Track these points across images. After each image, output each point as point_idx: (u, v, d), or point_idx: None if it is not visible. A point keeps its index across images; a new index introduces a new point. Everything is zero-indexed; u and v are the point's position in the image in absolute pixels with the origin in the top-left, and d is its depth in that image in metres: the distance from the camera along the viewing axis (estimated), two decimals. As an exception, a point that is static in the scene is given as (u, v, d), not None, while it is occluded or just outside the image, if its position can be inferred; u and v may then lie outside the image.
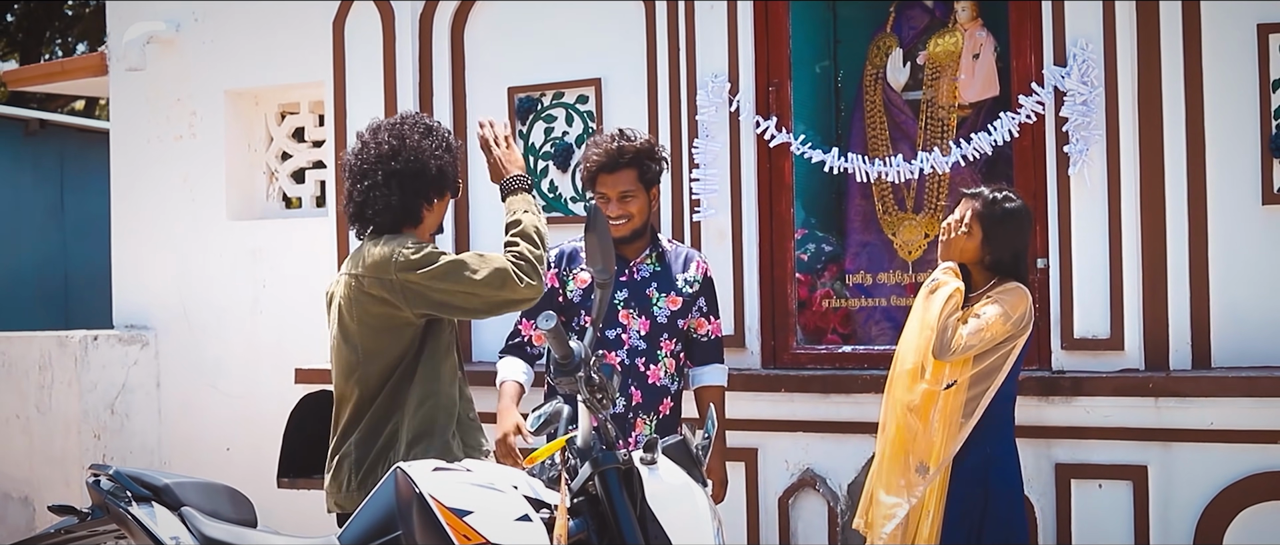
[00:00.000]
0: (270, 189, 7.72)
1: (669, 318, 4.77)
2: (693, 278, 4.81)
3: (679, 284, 4.78)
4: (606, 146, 4.64)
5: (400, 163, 4.01)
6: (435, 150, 4.07)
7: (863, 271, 5.93)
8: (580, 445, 3.52)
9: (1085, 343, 5.10)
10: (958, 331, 4.47)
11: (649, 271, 4.78)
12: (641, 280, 4.76)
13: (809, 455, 5.61)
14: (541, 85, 6.20)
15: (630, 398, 4.68)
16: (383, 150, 4.03)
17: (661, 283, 4.77)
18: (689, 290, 4.78)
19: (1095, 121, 5.03)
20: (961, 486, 4.60)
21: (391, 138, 4.04)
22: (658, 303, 4.76)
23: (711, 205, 5.71)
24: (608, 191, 4.66)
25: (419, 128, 4.08)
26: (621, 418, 4.61)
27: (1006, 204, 4.68)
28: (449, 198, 4.19)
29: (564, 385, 3.44)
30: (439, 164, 4.08)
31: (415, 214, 4.09)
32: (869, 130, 5.95)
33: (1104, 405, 5.05)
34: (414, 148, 4.02)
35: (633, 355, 4.73)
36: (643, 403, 4.72)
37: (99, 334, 7.62)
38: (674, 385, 4.82)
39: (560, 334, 3.36)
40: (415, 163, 4.01)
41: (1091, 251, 5.09)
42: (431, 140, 4.08)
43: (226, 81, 7.54)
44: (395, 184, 4.02)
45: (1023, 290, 4.61)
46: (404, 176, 4.02)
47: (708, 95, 5.71)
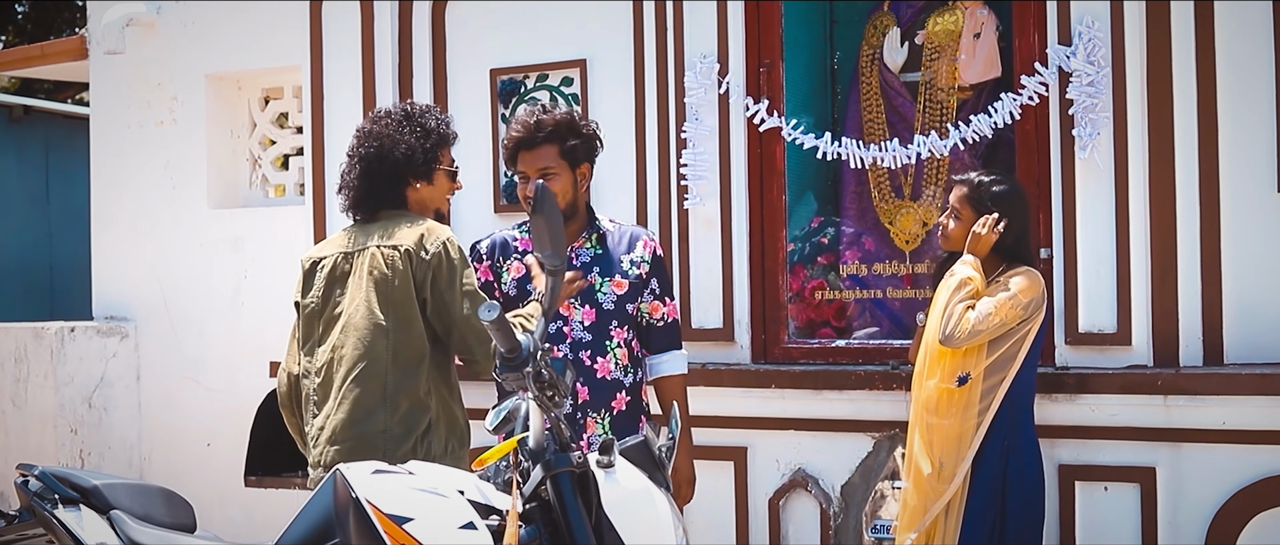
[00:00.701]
0: (253, 176, 7.56)
1: (615, 303, 4.45)
2: (640, 257, 4.49)
3: (624, 266, 4.47)
4: (524, 120, 4.41)
5: (367, 148, 4.11)
6: (407, 134, 4.10)
7: (858, 262, 5.83)
8: (532, 446, 3.29)
9: (1091, 337, 5.00)
10: (964, 317, 4.47)
11: (589, 255, 4.47)
12: (581, 266, 4.45)
13: (801, 455, 5.51)
14: (525, 67, 6.11)
15: (576, 395, 4.39)
16: (361, 135, 4.15)
17: (604, 266, 4.46)
18: (636, 272, 4.47)
19: (1102, 104, 4.92)
20: (982, 481, 4.58)
21: (369, 123, 4.17)
22: (602, 288, 4.46)
23: (700, 192, 5.62)
24: (526, 169, 4.40)
25: (399, 113, 4.16)
26: (570, 418, 4.35)
27: (995, 186, 4.69)
28: (437, 183, 4.17)
29: (511, 381, 3.21)
30: (406, 149, 4.09)
31: (397, 199, 4.13)
32: (865, 114, 5.84)
33: (1110, 403, 4.95)
34: (381, 134, 4.09)
35: (577, 348, 4.44)
36: (591, 399, 4.41)
37: (76, 325, 7.46)
38: (628, 377, 4.49)
39: (505, 325, 3.13)
40: (380, 147, 4.08)
41: (1097, 241, 4.99)
42: (407, 125, 4.13)
43: (208, 65, 7.37)
44: (362, 168, 4.11)
45: (1034, 273, 4.62)
46: (370, 161, 4.10)
47: (696, 76, 5.61)
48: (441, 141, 4.21)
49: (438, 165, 4.19)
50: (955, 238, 4.74)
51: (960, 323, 4.49)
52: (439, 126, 4.21)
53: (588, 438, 4.37)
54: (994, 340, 4.55)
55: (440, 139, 4.21)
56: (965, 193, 4.71)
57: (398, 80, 6.32)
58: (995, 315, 4.46)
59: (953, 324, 4.50)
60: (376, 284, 4.02)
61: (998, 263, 4.71)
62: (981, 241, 4.65)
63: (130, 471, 7.56)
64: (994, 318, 4.46)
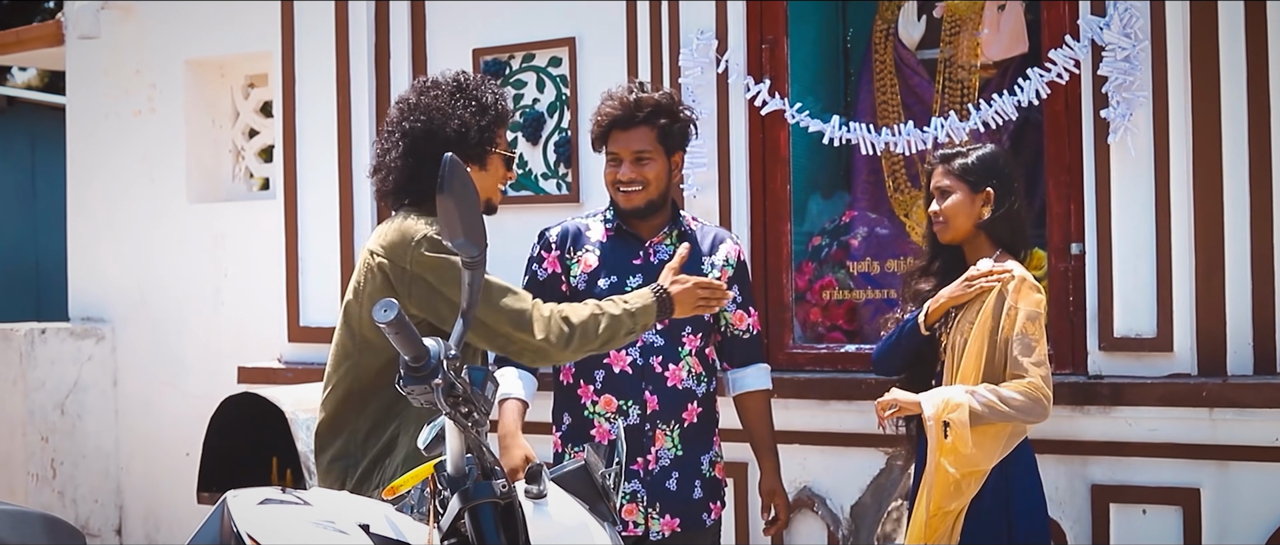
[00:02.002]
0: (236, 168, 7.41)
1: None
2: (724, 261, 4.35)
3: (705, 269, 4.30)
4: (621, 98, 4.24)
5: (413, 122, 3.69)
6: (459, 109, 3.70)
7: (870, 258, 5.62)
8: (450, 472, 2.83)
9: (1127, 343, 4.79)
10: (1040, 383, 4.08)
11: (668, 254, 4.25)
12: (659, 264, 4.22)
13: (806, 471, 5.30)
14: (509, 47, 5.90)
15: (645, 404, 4.23)
16: (403, 109, 3.73)
17: (686, 267, 4.16)
18: (718, 277, 4.29)
19: (1139, 81, 4.70)
20: (981, 514, 4.23)
21: (415, 94, 3.74)
22: None
23: (696, 181, 5.38)
24: (620, 151, 4.26)
25: (450, 83, 3.74)
26: (636, 429, 4.21)
27: (976, 150, 4.34)
28: (491, 168, 3.78)
29: (417, 395, 2.74)
30: (459, 125, 3.68)
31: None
32: (878, 95, 5.65)
33: (1149, 416, 4.73)
34: (430, 106, 3.68)
35: (647, 353, 4.27)
36: (660, 409, 4.25)
37: (47, 327, 7.36)
38: (700, 387, 4.33)
39: (406, 327, 2.66)
40: (428, 122, 3.67)
41: (1135, 235, 4.77)
42: (459, 98, 3.72)
43: (188, 50, 7.23)
44: (407, 146, 3.69)
45: (1026, 277, 4.21)
46: (416, 137, 3.68)
47: (692, 54, 5.40)
48: (499, 120, 3.79)
49: (493, 148, 3.78)
50: (958, 223, 4.29)
51: (1044, 386, 4.08)
52: (497, 102, 3.79)
53: (655, 451, 4.24)
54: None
55: (498, 117, 3.78)
56: (952, 167, 4.30)
57: (374, 61, 6.11)
58: (1041, 346, 4.13)
59: (1037, 395, 4.06)
60: (351, 291, 3.72)
61: (985, 252, 4.30)
62: (949, 221, 4.27)
63: (107, 481, 7.45)
64: (1042, 348, 4.13)
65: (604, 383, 4.23)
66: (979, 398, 4.02)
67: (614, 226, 4.29)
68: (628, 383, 4.21)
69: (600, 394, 4.22)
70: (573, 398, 4.28)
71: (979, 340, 4.13)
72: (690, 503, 4.25)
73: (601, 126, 4.28)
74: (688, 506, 4.24)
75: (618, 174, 4.25)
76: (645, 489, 4.20)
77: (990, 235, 4.27)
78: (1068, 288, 4.87)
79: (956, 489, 4.09)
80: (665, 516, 4.21)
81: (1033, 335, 4.10)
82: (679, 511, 4.23)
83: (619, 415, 4.20)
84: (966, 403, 4.01)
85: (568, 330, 3.61)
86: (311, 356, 6.15)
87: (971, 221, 4.26)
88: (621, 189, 4.24)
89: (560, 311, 3.62)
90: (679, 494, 4.22)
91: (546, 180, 5.84)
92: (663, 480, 4.22)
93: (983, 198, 4.24)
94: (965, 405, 4.01)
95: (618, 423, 4.14)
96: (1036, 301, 4.14)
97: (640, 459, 4.19)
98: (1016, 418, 4.06)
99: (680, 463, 4.24)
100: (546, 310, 3.61)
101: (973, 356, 4.13)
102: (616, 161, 4.27)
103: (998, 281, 4.13)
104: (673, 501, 4.22)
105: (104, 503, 7.40)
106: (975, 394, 4.03)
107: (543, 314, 3.59)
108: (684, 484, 4.24)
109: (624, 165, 4.25)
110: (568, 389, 4.30)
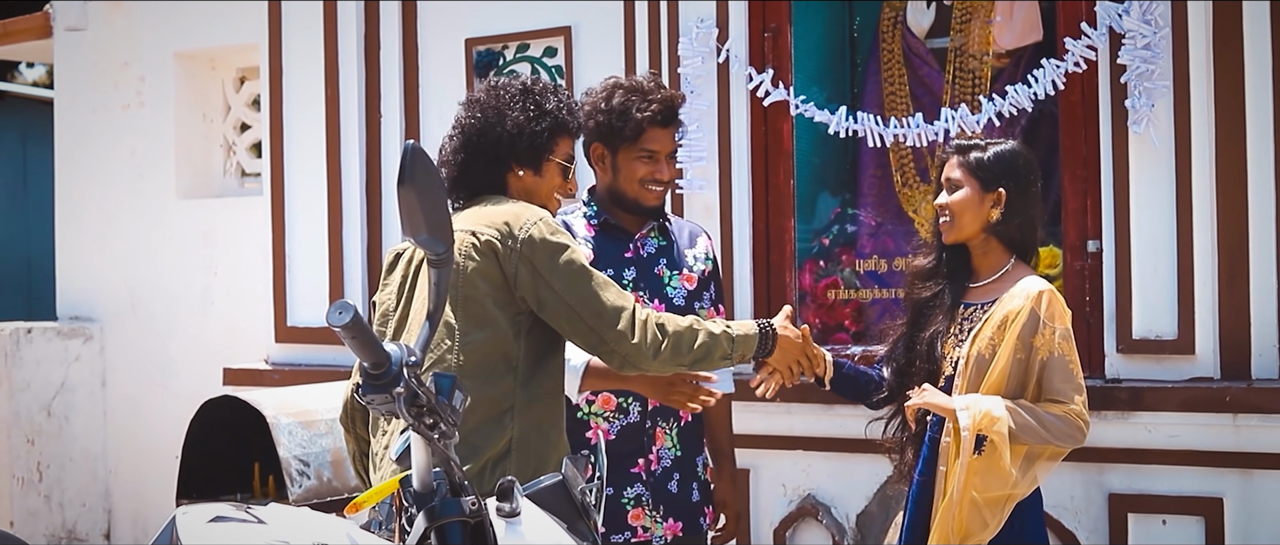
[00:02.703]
0: (227, 164, 7.33)
1: (686, 298, 4.24)
2: (702, 255, 4.32)
3: (689, 261, 4.29)
4: (667, 95, 4.15)
5: (471, 119, 3.70)
6: (518, 110, 3.67)
7: (877, 256, 5.55)
8: (417, 488, 2.64)
9: (1147, 345, 4.74)
10: (1078, 409, 3.86)
11: (654, 246, 4.25)
12: (649, 256, 4.22)
13: (810, 479, 5.26)
14: (503, 36, 5.85)
15: (645, 400, 4.12)
16: (466, 105, 3.76)
17: (670, 259, 4.27)
18: (701, 269, 4.30)
19: (1160, 70, 4.65)
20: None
21: (481, 91, 3.74)
22: (670, 282, 4.23)
23: (696, 176, 5.33)
24: (659, 148, 4.14)
25: (515, 87, 3.72)
26: (637, 426, 4.12)
27: (1004, 150, 4.03)
28: (546, 174, 3.70)
29: (377, 405, 2.55)
30: (514, 126, 3.65)
31: (496, 184, 3.68)
32: (886, 86, 5.56)
33: (1169, 422, 4.68)
34: (489, 103, 3.69)
35: None
36: (660, 406, 4.14)
37: (33, 326, 7.26)
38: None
39: (363, 331, 2.47)
40: (484, 119, 3.67)
41: (1155, 232, 4.72)
42: (521, 99, 3.69)
43: (177, 42, 7.16)
44: (462, 141, 3.70)
45: (1045, 286, 3.94)
46: (471, 133, 3.68)
47: (692, 44, 5.33)
48: (558, 128, 3.72)
49: (549, 155, 3.72)
50: (963, 222, 4.01)
51: (1086, 413, 3.86)
52: (559, 110, 3.72)
53: (657, 450, 4.15)
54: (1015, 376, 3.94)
55: (557, 125, 3.71)
56: (966, 159, 4.02)
57: (364, 52, 6.06)
58: (1076, 363, 3.88)
59: (1079, 423, 3.84)
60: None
61: (998, 258, 4.03)
62: (956, 217, 4.00)
63: (95, 485, 7.37)
64: (1077, 366, 3.89)
65: None
66: (1016, 415, 3.79)
67: (600, 221, 4.17)
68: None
69: (597, 393, 4.08)
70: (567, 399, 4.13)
71: (1005, 360, 3.86)
72: (690, 505, 4.15)
73: (638, 124, 4.14)
74: (688, 509, 4.14)
75: (656, 172, 4.13)
76: (649, 491, 4.08)
77: (1001, 239, 4.00)
78: (1084, 287, 4.77)
79: (980, 519, 3.87)
80: (668, 520, 4.10)
81: (1070, 357, 3.87)
82: (681, 514, 4.12)
83: (618, 414, 4.08)
84: (1006, 418, 3.77)
85: (661, 337, 3.53)
86: (299, 358, 6.05)
87: (979, 223, 3.98)
88: (653, 188, 4.15)
89: (655, 318, 3.53)
90: (680, 497, 4.12)
91: (539, 177, 5.69)
92: (665, 482, 4.11)
93: (993, 198, 3.95)
94: (1005, 419, 3.77)
95: (616, 423, 4.09)
96: (1067, 318, 3.91)
97: (641, 460, 4.08)
98: (1052, 441, 3.84)
99: (680, 463, 4.14)
100: (643, 313, 3.52)
101: (997, 377, 3.87)
102: (652, 159, 4.14)
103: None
104: (674, 504, 4.11)
105: (92, 507, 7.30)
106: (1012, 410, 3.79)
107: (640, 316, 3.51)
108: (684, 486, 4.13)
109: (663, 164, 4.15)
110: None
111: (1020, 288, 3.88)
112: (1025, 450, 3.85)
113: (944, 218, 4.00)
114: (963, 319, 3.94)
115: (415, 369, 2.53)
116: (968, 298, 3.97)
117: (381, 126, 5.96)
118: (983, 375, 3.85)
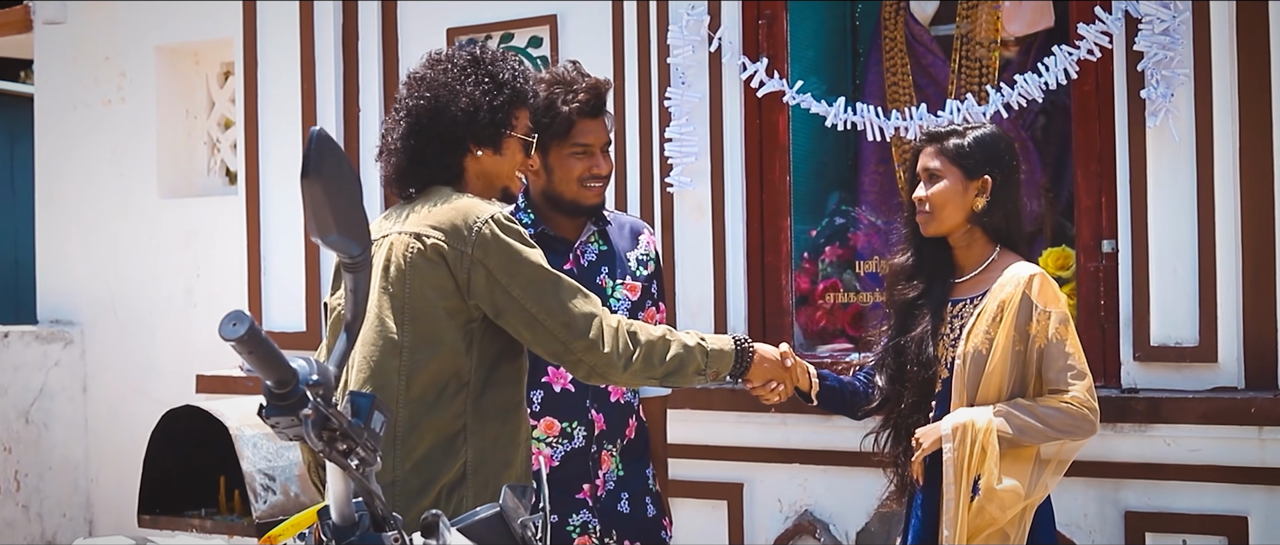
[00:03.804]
0: (211, 162, 7.18)
1: (629, 310, 4.04)
2: (644, 255, 4.13)
3: (631, 265, 4.10)
4: (593, 83, 3.93)
5: (418, 99, 3.40)
6: (471, 85, 3.39)
7: (878, 257, 5.40)
8: (335, 521, 2.41)
9: (1165, 352, 4.63)
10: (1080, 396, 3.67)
11: (595, 253, 4.06)
12: (589, 266, 4.02)
13: (808, 494, 5.14)
14: (486, 25, 5.70)
15: (592, 425, 3.95)
16: (411, 84, 3.46)
17: (613, 266, 4.07)
18: (644, 272, 4.11)
19: (1180, 57, 4.53)
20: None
21: (424, 68, 3.46)
22: (614, 293, 4.04)
23: (687, 173, 5.21)
24: (592, 142, 3.94)
25: (464, 59, 3.44)
26: (582, 453, 3.94)
27: (973, 131, 3.88)
28: (506, 152, 3.46)
29: (283, 429, 2.28)
30: (469, 103, 3.36)
31: (453, 169, 3.42)
32: (888, 76, 5.44)
33: (1190, 435, 4.56)
34: (438, 81, 3.40)
35: None
36: (608, 429, 3.99)
37: (10, 330, 7.09)
38: (634, 399, 4.12)
39: (262, 345, 2.20)
40: (434, 99, 3.38)
41: (1174, 231, 4.61)
42: (472, 73, 3.41)
43: (158, 36, 7.00)
44: (411, 126, 3.40)
45: (1036, 269, 3.79)
46: (421, 115, 3.38)
47: (682, 32, 5.21)
48: (516, 99, 3.46)
49: (509, 130, 3.46)
50: (945, 214, 3.85)
51: (1090, 398, 3.66)
52: (516, 79, 3.47)
53: (603, 475, 3.99)
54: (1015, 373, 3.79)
55: (515, 95, 3.45)
56: (944, 147, 3.86)
57: (341, 42, 5.97)
58: (1078, 351, 3.71)
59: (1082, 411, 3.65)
60: (391, 283, 3.31)
61: (983, 249, 3.89)
62: (937, 210, 3.84)
63: (76, 495, 7.24)
64: (1079, 355, 3.71)
65: (543, 404, 3.89)
66: (1013, 419, 3.61)
67: (537, 233, 3.92)
68: (571, 402, 3.88)
69: (539, 417, 3.88)
70: None
71: (1002, 352, 3.70)
72: (646, 522, 3.99)
73: (567, 116, 3.95)
74: (645, 525, 3.99)
75: (593, 168, 3.94)
76: (597, 518, 3.90)
77: (986, 229, 3.85)
78: (1099, 290, 4.64)
79: (1000, 534, 3.69)
80: (624, 542, 3.94)
81: (1068, 340, 3.71)
82: (638, 533, 3.97)
83: (562, 439, 3.89)
84: (992, 424, 3.60)
85: (632, 347, 3.33)
86: (276, 364, 5.85)
87: (962, 214, 3.82)
88: (593, 185, 3.96)
89: (626, 325, 3.32)
90: (634, 515, 3.97)
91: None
92: (613, 503, 3.94)
93: (977, 186, 3.79)
94: (992, 428, 3.60)
95: (559, 449, 3.91)
96: (1063, 302, 3.77)
97: (587, 485, 3.90)
98: (1057, 438, 3.66)
99: (626, 482, 3.99)
100: (613, 320, 3.32)
101: (996, 372, 3.71)
102: (586, 154, 3.95)
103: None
104: (629, 524, 3.95)
105: (73, 517, 7.16)
106: (1007, 414, 3.61)
107: (610, 323, 3.30)
108: (635, 503, 3.98)
109: (599, 158, 3.96)
110: None
111: (1010, 274, 3.74)
112: (1033, 453, 3.68)
113: (924, 211, 3.85)
114: (952, 317, 3.79)
115: (324, 388, 2.26)
116: (955, 293, 3.84)
117: (360, 121, 5.85)
118: (981, 373, 3.70)
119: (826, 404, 3.95)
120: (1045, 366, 3.68)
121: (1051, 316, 3.67)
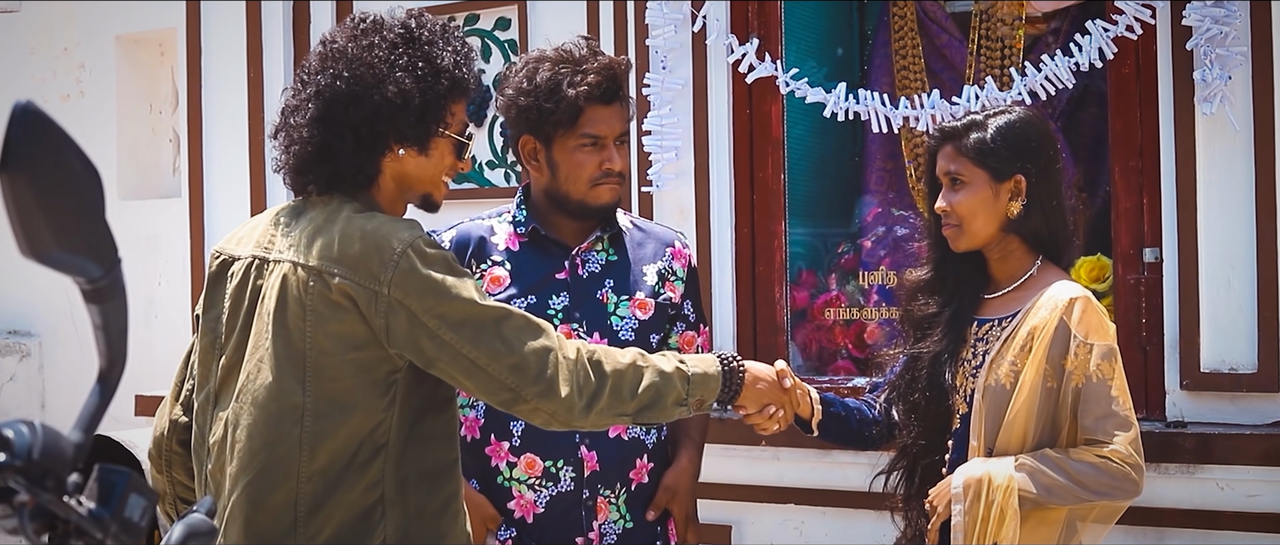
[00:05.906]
0: (176, 161, 6.88)
1: (636, 332, 3.66)
2: (668, 269, 3.74)
3: (649, 280, 3.71)
4: (606, 63, 3.56)
5: (333, 77, 2.88)
6: (402, 68, 2.86)
7: (886, 267, 5.12)
8: None
9: (1218, 380, 4.28)
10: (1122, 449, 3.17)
11: (600, 264, 3.68)
12: (589, 277, 3.64)
13: (804, 536, 4.88)
14: (449, 7, 5.37)
15: (581, 465, 3.54)
16: (325, 55, 2.93)
17: (620, 280, 3.68)
18: (665, 290, 3.73)
19: (1236, 34, 4.12)
20: None
21: (345, 37, 2.93)
22: (617, 310, 3.66)
23: (668, 170, 4.89)
24: (604, 132, 3.57)
25: (394, 33, 2.90)
26: (571, 497, 3.54)
27: (994, 120, 3.38)
28: (434, 154, 2.96)
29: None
30: (398, 91, 2.83)
31: (366, 171, 2.93)
32: (897, 59, 5.14)
33: (1248, 478, 4.19)
34: (362, 58, 2.87)
35: None
36: (602, 470, 3.56)
37: None
38: (650, 436, 3.67)
39: None
40: (354, 82, 2.86)
41: (1229, 238, 4.26)
42: (406, 52, 2.88)
43: (120, 24, 6.73)
44: (320, 110, 2.89)
45: (1079, 292, 3.30)
46: (334, 101, 2.87)
47: (662, 10, 4.86)
48: (456, 89, 2.97)
49: (442, 126, 2.96)
50: (976, 226, 3.37)
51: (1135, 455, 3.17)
52: (459, 65, 2.96)
53: (598, 527, 3.58)
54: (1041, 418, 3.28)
55: (454, 85, 2.95)
56: (964, 144, 3.39)
57: (293, 23, 5.70)
58: (1124, 394, 3.22)
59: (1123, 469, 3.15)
60: (290, 332, 2.81)
61: (1021, 261, 3.42)
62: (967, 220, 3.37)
63: None
64: (1125, 398, 3.23)
65: (524, 437, 3.46)
66: (1039, 476, 3.12)
67: (529, 231, 3.55)
68: (556, 436, 3.41)
69: (519, 453, 3.46)
70: (480, 458, 3.51)
71: (1030, 390, 3.21)
72: None
73: (573, 103, 3.54)
74: None
75: (606, 162, 3.56)
76: None
77: (1025, 236, 3.37)
78: (1140, 307, 4.29)
79: None
80: None
81: (1112, 381, 3.21)
82: None
83: (546, 481, 3.47)
84: (1014, 481, 3.11)
85: (595, 382, 2.91)
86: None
87: (996, 223, 3.33)
88: (605, 183, 3.59)
89: (586, 353, 2.91)
90: None
91: (492, 170, 5.30)
92: None
93: (1010, 188, 3.30)
94: (1013, 487, 3.11)
95: (544, 493, 3.48)
96: (1110, 332, 3.28)
97: (579, 539, 3.47)
98: (1091, 500, 3.17)
99: (634, 537, 3.54)
100: (571, 350, 2.90)
101: (1021, 414, 3.22)
102: (597, 146, 3.57)
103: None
104: None
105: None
106: (1032, 470, 3.12)
107: (567, 354, 2.88)
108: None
109: (612, 151, 3.58)
110: (473, 446, 3.51)
111: (1047, 297, 3.25)
112: (1062, 516, 3.18)
113: (951, 224, 3.36)
114: (976, 339, 3.30)
115: (50, 467, 1.73)
116: (983, 311, 3.35)
117: (314, 115, 5.45)
118: (1001, 414, 3.20)
119: (830, 434, 3.50)
120: (1082, 410, 3.18)
121: (1093, 350, 3.19)
